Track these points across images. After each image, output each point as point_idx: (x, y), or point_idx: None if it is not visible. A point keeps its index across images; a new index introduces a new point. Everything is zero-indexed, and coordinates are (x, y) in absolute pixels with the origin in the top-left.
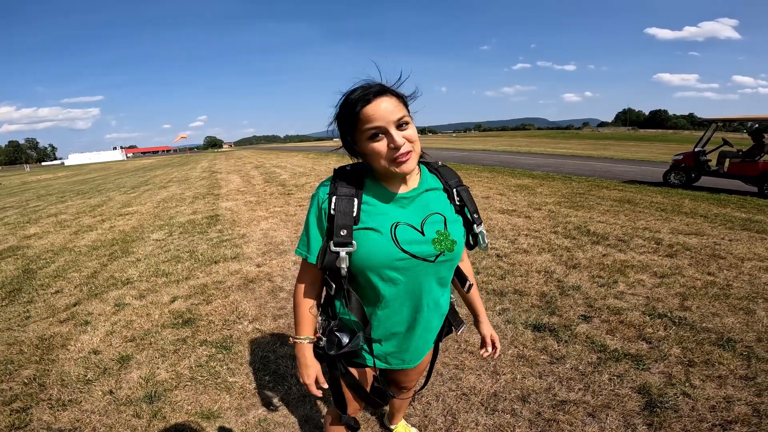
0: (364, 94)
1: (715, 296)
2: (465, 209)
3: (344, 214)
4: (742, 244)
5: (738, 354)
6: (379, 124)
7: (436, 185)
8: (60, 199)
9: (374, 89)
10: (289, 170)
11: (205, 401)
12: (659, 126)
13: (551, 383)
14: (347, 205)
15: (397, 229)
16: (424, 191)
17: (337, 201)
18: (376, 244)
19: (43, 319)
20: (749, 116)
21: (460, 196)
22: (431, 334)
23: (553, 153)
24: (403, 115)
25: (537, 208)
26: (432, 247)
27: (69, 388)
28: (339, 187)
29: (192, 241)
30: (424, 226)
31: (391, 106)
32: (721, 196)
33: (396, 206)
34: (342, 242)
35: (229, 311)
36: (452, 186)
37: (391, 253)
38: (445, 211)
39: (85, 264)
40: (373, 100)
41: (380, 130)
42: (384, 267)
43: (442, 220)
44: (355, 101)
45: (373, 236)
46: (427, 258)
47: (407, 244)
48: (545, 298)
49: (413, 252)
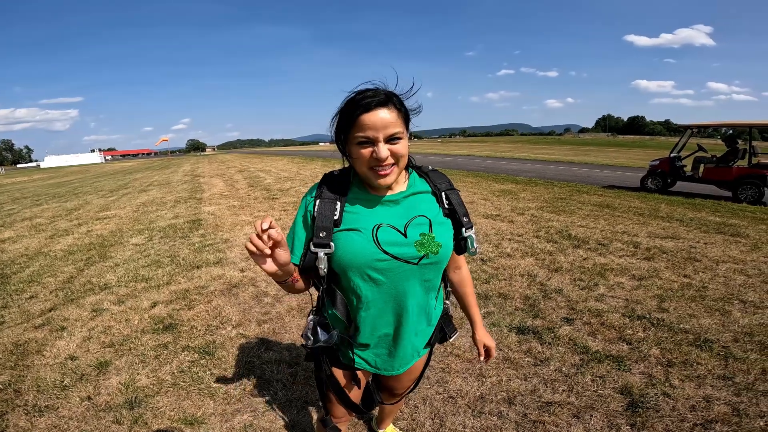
0: (367, 101)
1: (692, 298)
2: (455, 213)
3: (325, 217)
4: (716, 247)
5: (715, 354)
6: (370, 134)
7: (424, 188)
8: (35, 202)
9: (378, 99)
10: (273, 174)
11: (188, 407)
12: (637, 132)
13: (536, 385)
14: (329, 207)
15: (379, 230)
16: (411, 194)
17: (320, 204)
18: (356, 244)
19: (17, 325)
20: (723, 122)
21: (449, 200)
22: (421, 339)
23: (536, 158)
24: (396, 131)
25: (520, 212)
26: (414, 249)
27: (45, 394)
28: (324, 191)
29: (173, 246)
30: (407, 228)
31: (387, 118)
32: (696, 200)
33: (380, 208)
34: (320, 243)
35: (212, 316)
36: (441, 189)
37: (372, 254)
38: (431, 213)
39: (61, 269)
40: (372, 110)
41: (369, 140)
42: (365, 267)
43: (427, 223)
44: (356, 105)
45: (354, 237)
46: (409, 260)
47: (388, 245)
48: (529, 301)
49: (394, 253)
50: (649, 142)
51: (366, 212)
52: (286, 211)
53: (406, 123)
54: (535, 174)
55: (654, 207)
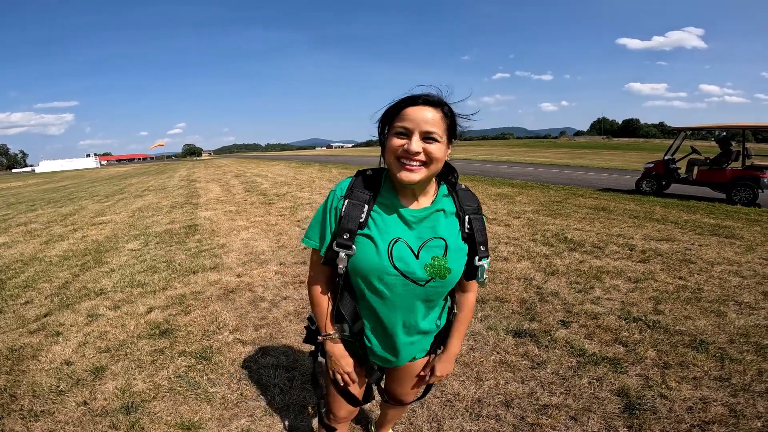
0: (416, 98)
1: (687, 300)
2: (473, 239)
3: (351, 219)
4: (711, 249)
5: (711, 355)
6: (409, 126)
7: (449, 208)
8: (30, 207)
9: (429, 99)
10: (270, 179)
11: (185, 412)
12: (632, 135)
13: (533, 388)
14: (357, 210)
15: (395, 245)
16: (434, 212)
17: (349, 205)
18: (372, 253)
19: (12, 330)
20: (716, 125)
21: (471, 225)
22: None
23: (532, 162)
24: (434, 131)
25: (516, 216)
26: (423, 271)
27: (41, 399)
28: (355, 191)
29: (169, 251)
30: (421, 250)
31: (430, 116)
32: (691, 202)
33: (401, 222)
34: (343, 244)
35: (208, 321)
36: (466, 212)
37: (384, 267)
38: (449, 237)
39: (56, 274)
40: (418, 105)
41: (406, 131)
42: (374, 277)
43: (442, 246)
44: (405, 99)
45: (371, 247)
46: (416, 281)
47: (400, 261)
48: (525, 304)
49: (403, 270)
50: (643, 144)
51: (389, 222)
52: (283, 216)
53: (449, 130)
54: (531, 177)
55: (649, 209)
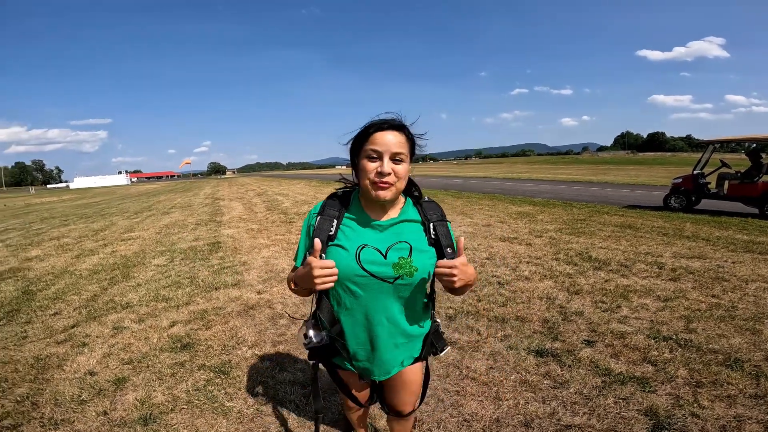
0: (382, 123)
1: (721, 318)
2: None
3: (322, 231)
4: (745, 266)
5: (746, 373)
6: (379, 149)
7: (414, 218)
8: (63, 222)
9: (393, 123)
10: (291, 198)
11: (202, 425)
12: (658, 149)
13: (555, 408)
14: (327, 224)
15: (363, 250)
16: (400, 221)
17: (320, 220)
18: (341, 259)
19: (40, 340)
20: (746, 136)
21: (436, 231)
22: (402, 351)
23: (554, 179)
24: (401, 152)
25: (538, 235)
26: (391, 270)
27: (62, 408)
28: (326, 209)
29: (193, 268)
30: (389, 251)
31: (396, 140)
32: (722, 218)
33: (369, 231)
34: None
35: (228, 337)
36: (431, 220)
37: (353, 269)
38: (415, 241)
39: (85, 287)
40: (385, 130)
41: (377, 154)
42: (346, 280)
43: (407, 248)
44: (373, 124)
45: (341, 253)
46: (385, 279)
47: (368, 263)
48: (548, 324)
49: (372, 271)
50: (670, 158)
51: (356, 232)
52: None
53: (411, 150)
54: (553, 195)
55: (678, 226)
